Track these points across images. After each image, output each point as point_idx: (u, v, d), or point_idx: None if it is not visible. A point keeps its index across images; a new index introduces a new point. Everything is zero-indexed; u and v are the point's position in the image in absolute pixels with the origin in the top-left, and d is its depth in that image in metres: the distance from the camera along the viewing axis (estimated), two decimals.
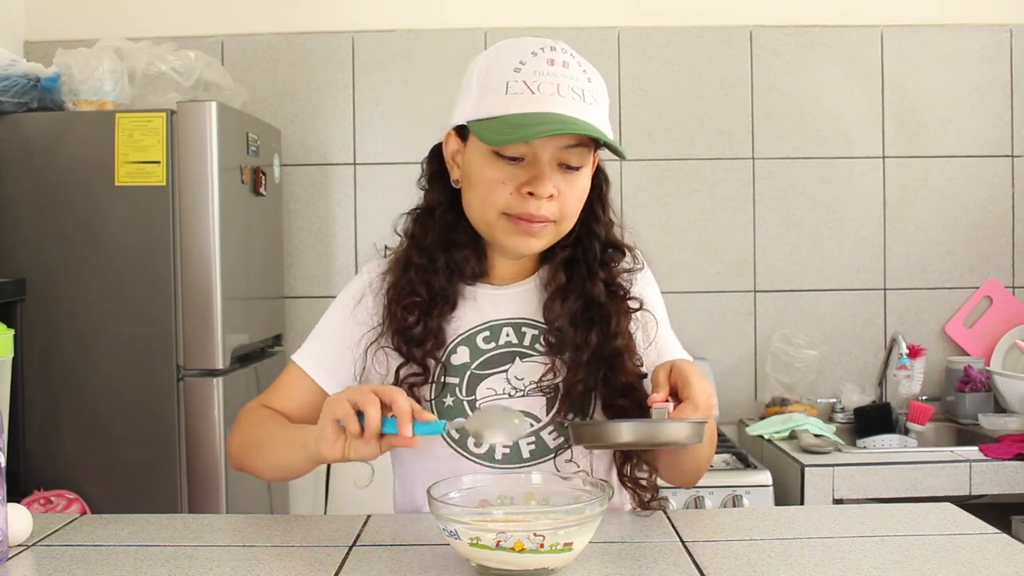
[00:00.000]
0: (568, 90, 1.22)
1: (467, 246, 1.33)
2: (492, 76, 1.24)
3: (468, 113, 1.26)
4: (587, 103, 1.24)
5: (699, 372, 1.20)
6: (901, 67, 2.97)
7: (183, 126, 2.23)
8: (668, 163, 2.97)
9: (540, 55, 1.23)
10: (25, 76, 2.28)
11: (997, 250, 2.98)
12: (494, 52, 1.27)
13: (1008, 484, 2.36)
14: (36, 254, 2.26)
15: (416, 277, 1.32)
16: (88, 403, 2.25)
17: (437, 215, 1.34)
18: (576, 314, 1.31)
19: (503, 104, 1.22)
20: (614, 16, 2.96)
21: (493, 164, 1.25)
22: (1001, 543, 1.16)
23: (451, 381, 1.32)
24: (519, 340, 1.33)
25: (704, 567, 1.08)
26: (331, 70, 2.94)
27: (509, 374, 1.31)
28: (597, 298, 1.31)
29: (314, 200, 2.96)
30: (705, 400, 1.17)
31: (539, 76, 1.22)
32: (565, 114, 1.21)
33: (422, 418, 1.13)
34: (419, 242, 1.34)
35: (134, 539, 1.22)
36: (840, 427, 2.76)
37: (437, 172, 1.36)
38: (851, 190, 2.97)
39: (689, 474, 1.36)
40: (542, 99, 1.21)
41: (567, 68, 1.24)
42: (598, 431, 1.18)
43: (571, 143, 1.24)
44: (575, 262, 1.34)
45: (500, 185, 1.24)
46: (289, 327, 2.89)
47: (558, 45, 1.26)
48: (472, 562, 1.05)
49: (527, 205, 1.24)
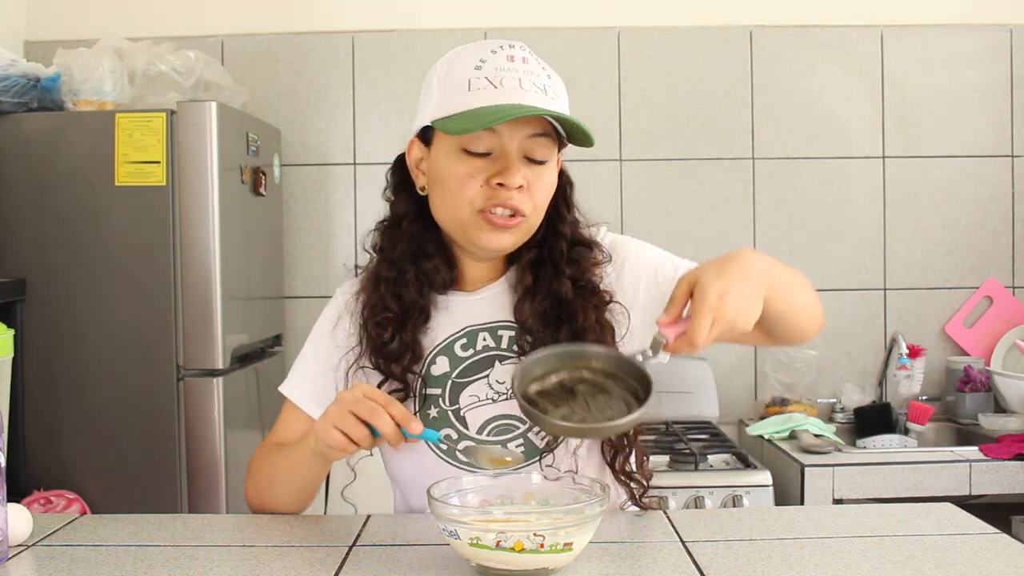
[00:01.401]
0: (530, 84, 1.23)
1: (436, 255, 1.33)
2: (454, 76, 1.25)
3: (432, 114, 1.27)
4: (549, 96, 1.25)
5: (714, 275, 1.09)
6: (901, 67, 2.97)
7: (183, 126, 2.23)
8: (668, 163, 2.97)
9: (500, 52, 1.25)
10: (25, 76, 2.28)
11: (997, 250, 2.98)
12: (452, 55, 1.28)
13: (1008, 484, 2.36)
14: (36, 254, 2.26)
15: (387, 291, 1.32)
16: (88, 403, 2.25)
17: (404, 225, 1.34)
18: (545, 313, 1.30)
19: (467, 99, 1.22)
20: (614, 16, 2.96)
21: (462, 160, 1.25)
22: (1001, 543, 1.16)
23: (433, 392, 1.32)
24: (496, 343, 1.33)
25: (704, 567, 1.08)
26: (331, 70, 2.94)
27: (490, 379, 1.31)
28: (564, 295, 1.30)
29: (314, 200, 2.96)
30: (711, 311, 1.08)
31: (501, 72, 1.23)
32: (529, 104, 1.22)
33: (410, 428, 1.16)
34: (388, 255, 1.34)
35: (134, 539, 1.22)
36: (840, 427, 2.76)
37: (402, 182, 1.36)
38: (851, 190, 2.97)
39: (797, 336, 1.31)
40: (505, 92, 1.22)
41: (527, 64, 1.26)
42: (538, 422, 1.13)
43: (536, 132, 1.25)
44: (541, 262, 1.33)
45: (470, 179, 1.24)
46: (289, 327, 2.89)
47: (516, 44, 1.28)
48: (472, 562, 1.05)
49: (498, 196, 1.24)
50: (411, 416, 1.17)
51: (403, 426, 1.16)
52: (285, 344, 2.84)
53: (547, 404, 1.12)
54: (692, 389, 2.87)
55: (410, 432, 1.16)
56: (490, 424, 1.30)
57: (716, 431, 2.75)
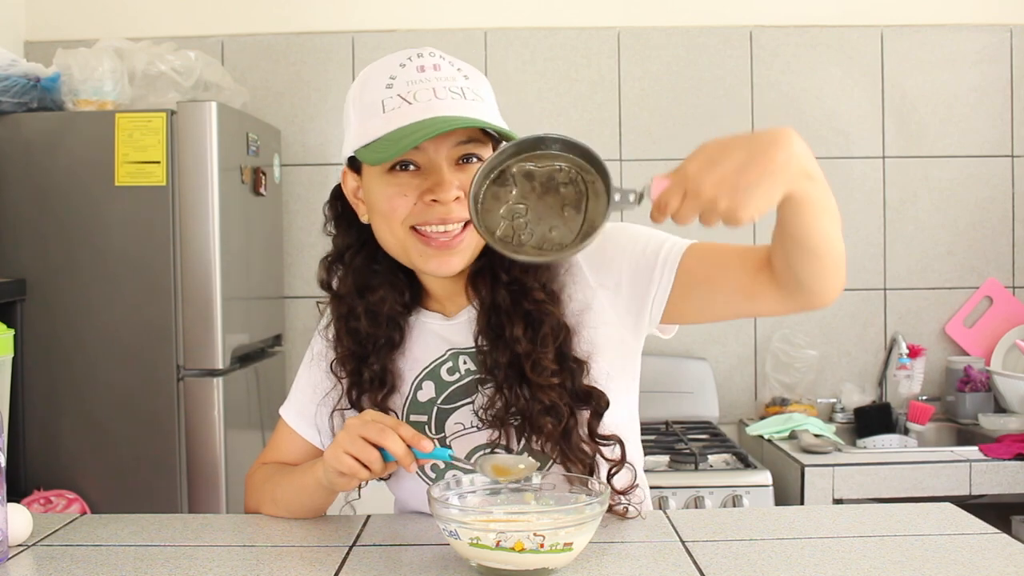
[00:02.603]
0: (445, 91, 1.17)
1: (381, 286, 1.26)
2: (367, 100, 1.19)
3: (353, 143, 1.20)
4: (468, 100, 1.17)
5: (715, 142, 0.96)
6: (901, 67, 2.97)
7: (183, 126, 2.23)
8: (668, 163, 2.94)
9: (409, 64, 1.18)
10: (25, 76, 2.28)
11: (997, 250, 2.98)
12: (363, 78, 1.22)
13: (1008, 484, 2.36)
14: (36, 254, 2.26)
15: (341, 328, 1.28)
16: (88, 403, 2.25)
17: (347, 259, 1.29)
18: (489, 331, 1.22)
19: (384, 123, 1.16)
20: (614, 16, 2.96)
21: (390, 181, 1.19)
22: (1001, 543, 1.16)
23: (419, 419, 1.28)
24: (478, 367, 1.25)
25: (704, 567, 1.08)
26: (331, 70, 2.95)
27: (475, 405, 1.25)
28: (500, 305, 1.21)
29: (314, 200, 2.96)
30: (682, 183, 0.94)
31: (412, 85, 1.17)
32: (445, 115, 1.15)
33: (420, 447, 1.13)
34: (336, 291, 1.29)
35: (134, 539, 1.22)
36: (840, 427, 2.76)
37: (342, 214, 1.30)
38: (851, 190, 2.97)
39: (817, 282, 1.10)
40: (419, 107, 1.15)
41: (439, 71, 1.18)
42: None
43: (462, 139, 1.18)
44: (482, 272, 1.24)
45: (401, 198, 1.18)
46: (289, 327, 2.89)
47: (425, 51, 1.20)
48: (472, 562, 1.05)
49: (434, 212, 1.17)
50: (421, 435, 1.13)
51: (414, 446, 1.12)
52: (285, 344, 2.84)
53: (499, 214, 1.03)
54: (692, 389, 2.87)
55: (421, 451, 1.12)
56: (476, 452, 1.25)
57: (716, 431, 2.75)
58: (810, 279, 1.10)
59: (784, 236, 1.07)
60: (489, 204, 1.04)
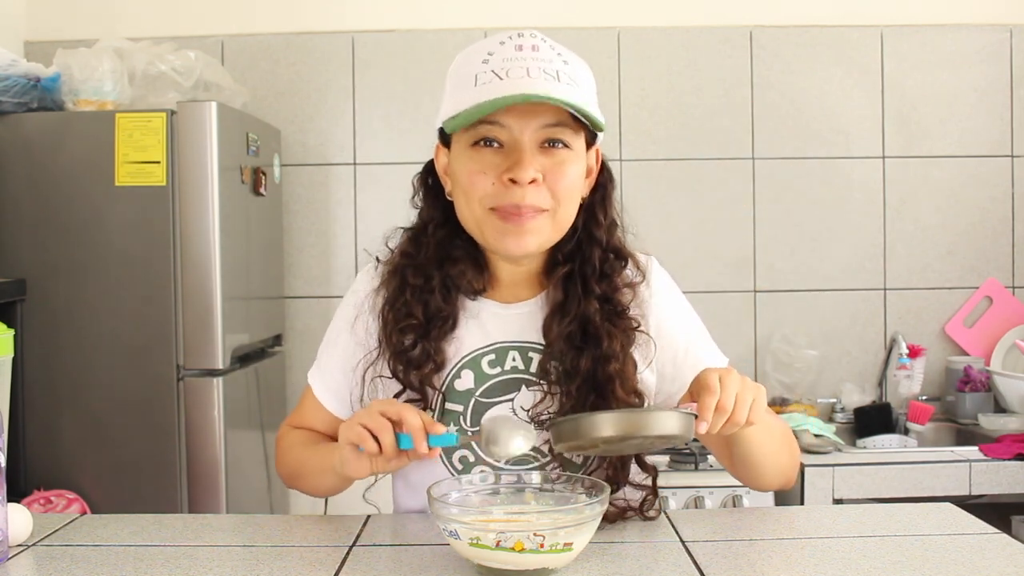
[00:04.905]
0: (539, 71, 1.17)
1: (463, 260, 1.27)
2: (462, 73, 1.22)
3: (443, 114, 1.23)
4: (563, 83, 1.18)
5: (730, 377, 1.10)
6: (901, 67, 2.97)
7: (183, 126, 2.23)
8: (668, 163, 2.97)
9: (508, 43, 1.20)
10: (25, 76, 2.28)
11: (997, 250, 2.98)
12: (463, 53, 1.25)
13: (1008, 484, 2.36)
14: (36, 254, 2.25)
15: (412, 298, 1.26)
16: (88, 403, 2.25)
17: (431, 231, 1.29)
18: (571, 337, 1.23)
19: (474, 96, 1.17)
20: (614, 16, 2.96)
21: (472, 156, 1.21)
22: (1001, 543, 1.16)
23: (454, 408, 1.27)
24: (525, 366, 1.26)
25: (704, 567, 1.08)
26: (331, 70, 2.94)
27: (515, 403, 1.26)
28: (592, 318, 1.23)
29: (314, 200, 2.96)
30: (730, 401, 1.08)
31: (507, 63, 1.18)
32: (535, 92, 1.15)
33: (434, 431, 1.13)
34: (414, 260, 1.28)
35: (134, 539, 1.22)
36: (840, 427, 2.76)
37: (431, 188, 1.32)
38: (851, 190, 2.97)
39: (760, 475, 1.29)
40: (509, 83, 1.16)
41: (537, 51, 1.19)
42: (576, 426, 1.08)
43: (550, 122, 1.19)
44: (572, 277, 1.26)
45: (481, 175, 1.20)
46: (289, 327, 2.89)
47: (526, 32, 1.22)
48: (472, 562, 1.05)
49: (511, 195, 1.18)
50: (422, 434, 1.12)
51: (417, 443, 1.12)
52: (285, 344, 2.84)
53: None
54: None
55: (433, 435, 1.12)
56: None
57: None
58: (750, 483, 1.34)
59: (738, 438, 1.21)
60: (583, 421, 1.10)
